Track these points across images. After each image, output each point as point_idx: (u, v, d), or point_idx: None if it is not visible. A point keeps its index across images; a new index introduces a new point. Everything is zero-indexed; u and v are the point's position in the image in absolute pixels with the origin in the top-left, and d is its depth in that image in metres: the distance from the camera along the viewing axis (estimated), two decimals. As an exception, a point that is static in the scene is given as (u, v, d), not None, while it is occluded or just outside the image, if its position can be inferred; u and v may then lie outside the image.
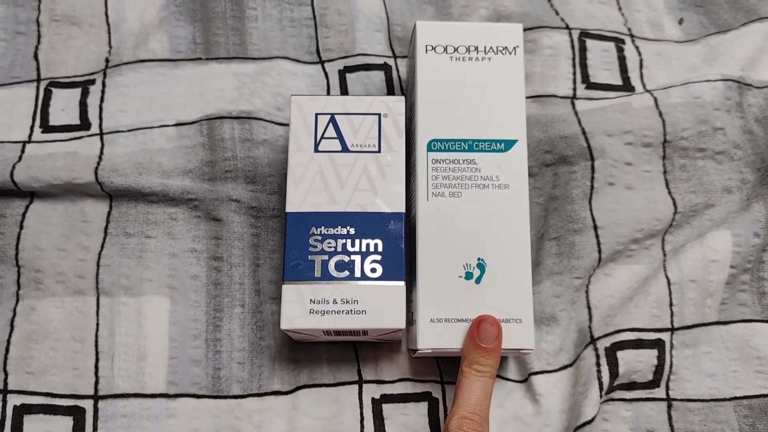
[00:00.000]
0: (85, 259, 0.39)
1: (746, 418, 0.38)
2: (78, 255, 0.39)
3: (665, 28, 0.46)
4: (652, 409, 0.38)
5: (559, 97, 0.42)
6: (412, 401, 0.37)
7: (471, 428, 0.32)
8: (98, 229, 0.40)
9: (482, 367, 0.33)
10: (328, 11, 0.45)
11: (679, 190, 0.41)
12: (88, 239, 0.40)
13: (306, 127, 0.37)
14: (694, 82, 0.42)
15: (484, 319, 0.34)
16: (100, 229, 0.40)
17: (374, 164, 0.36)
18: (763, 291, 0.40)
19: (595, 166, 0.40)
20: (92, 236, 0.40)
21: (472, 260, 0.34)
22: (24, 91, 0.43)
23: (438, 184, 0.35)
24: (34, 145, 0.41)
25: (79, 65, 0.44)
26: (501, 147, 0.36)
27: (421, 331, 0.34)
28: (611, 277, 0.40)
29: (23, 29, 0.45)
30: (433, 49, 0.37)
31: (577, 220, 0.40)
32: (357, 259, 0.34)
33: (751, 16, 0.45)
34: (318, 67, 0.44)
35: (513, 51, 0.37)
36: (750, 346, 0.39)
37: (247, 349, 0.38)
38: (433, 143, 0.36)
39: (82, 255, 0.39)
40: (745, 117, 0.42)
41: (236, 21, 0.45)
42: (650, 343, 0.38)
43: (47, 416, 0.37)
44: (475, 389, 0.33)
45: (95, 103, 0.42)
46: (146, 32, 0.44)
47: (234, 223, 0.40)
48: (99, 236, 0.40)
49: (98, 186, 0.40)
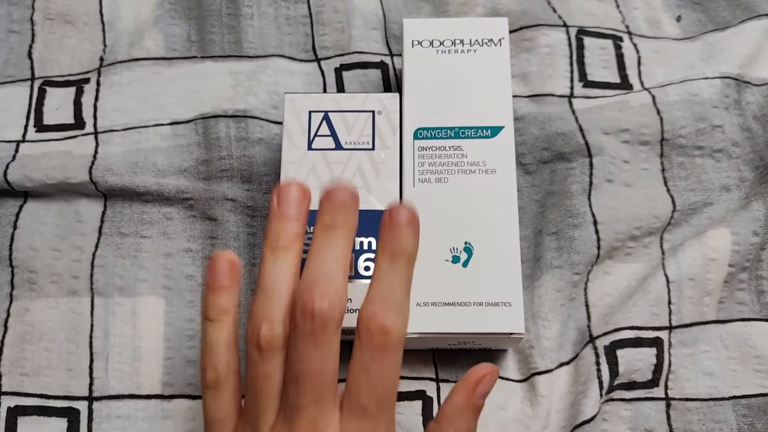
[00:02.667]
0: (80, 259, 0.39)
1: (745, 417, 0.37)
2: (72, 255, 0.39)
3: (663, 26, 0.45)
4: (650, 408, 0.38)
5: (557, 95, 0.42)
6: (406, 400, 0.37)
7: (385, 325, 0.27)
8: (93, 230, 0.40)
9: (395, 249, 0.28)
10: (324, 9, 0.45)
11: (677, 188, 0.41)
12: (83, 239, 0.40)
13: (299, 125, 0.37)
14: (692, 80, 0.42)
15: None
16: (94, 229, 0.40)
17: (368, 162, 0.36)
18: (761, 290, 0.39)
19: (594, 162, 0.40)
20: (87, 236, 0.40)
21: (459, 244, 0.34)
22: (18, 90, 0.43)
23: (424, 170, 0.35)
24: (28, 145, 0.41)
25: (74, 64, 0.44)
26: (487, 133, 0.36)
27: None
28: (610, 275, 0.39)
29: (17, 28, 0.45)
30: (419, 43, 0.38)
31: (577, 215, 0.39)
32: (351, 258, 0.34)
33: (749, 13, 0.45)
34: (314, 65, 0.44)
35: (499, 43, 0.37)
36: (749, 345, 0.38)
37: (242, 348, 0.38)
38: (419, 131, 0.36)
39: (77, 255, 0.39)
40: (743, 115, 0.42)
41: (231, 19, 0.44)
42: (649, 342, 0.38)
43: (41, 418, 0.37)
44: (393, 278, 0.28)
45: (90, 102, 0.42)
46: (141, 30, 0.44)
47: (229, 222, 0.40)
48: (93, 236, 0.40)
49: (93, 185, 0.40)
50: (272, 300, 0.28)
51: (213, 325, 0.29)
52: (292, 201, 0.29)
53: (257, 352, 0.28)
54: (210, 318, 0.30)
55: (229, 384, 0.30)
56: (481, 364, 0.29)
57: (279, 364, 0.28)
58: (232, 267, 0.30)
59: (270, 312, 0.28)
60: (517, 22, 0.44)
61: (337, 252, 0.28)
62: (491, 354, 0.38)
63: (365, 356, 0.27)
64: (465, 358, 0.38)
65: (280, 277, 0.28)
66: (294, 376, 0.27)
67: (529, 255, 0.40)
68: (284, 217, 0.29)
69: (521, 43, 0.43)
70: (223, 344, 0.29)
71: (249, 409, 0.29)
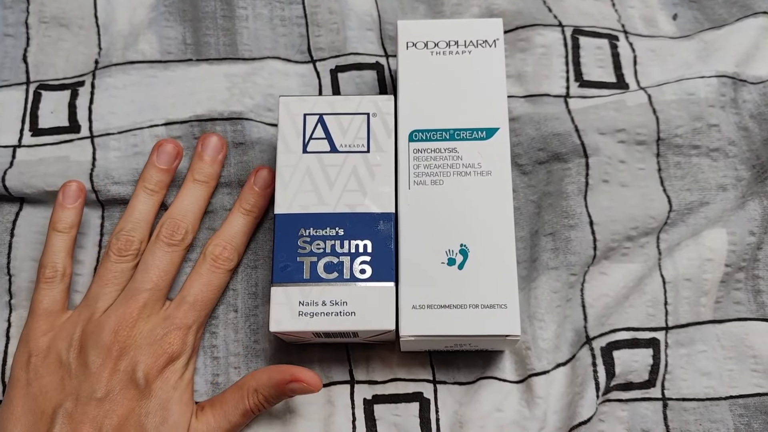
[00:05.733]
0: (81, 273, 0.39)
1: (741, 417, 0.37)
2: (74, 269, 0.39)
3: (659, 24, 0.45)
4: (647, 408, 0.38)
5: (552, 96, 0.42)
6: (403, 401, 0.37)
7: (223, 254, 0.37)
8: (93, 244, 0.40)
9: (249, 206, 0.38)
10: (319, 9, 0.45)
11: (674, 188, 0.41)
12: (83, 252, 0.40)
13: (294, 128, 0.37)
14: (689, 79, 0.42)
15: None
16: (94, 243, 0.40)
17: (363, 164, 0.36)
18: (758, 289, 0.39)
19: (590, 163, 0.40)
20: (87, 249, 0.40)
21: (454, 246, 0.34)
22: (13, 94, 0.43)
23: (419, 172, 0.35)
24: (24, 150, 0.41)
25: (69, 67, 0.44)
26: (482, 135, 0.36)
27: (404, 318, 0.34)
28: (606, 276, 0.39)
29: (12, 31, 0.45)
30: (414, 45, 0.38)
31: (573, 216, 0.39)
32: (346, 261, 0.34)
33: (745, 11, 0.45)
34: (309, 66, 0.44)
35: (493, 44, 0.37)
36: (745, 345, 0.38)
37: (242, 353, 0.38)
38: (414, 133, 0.36)
39: (78, 269, 0.39)
40: (740, 113, 0.42)
41: (226, 21, 0.44)
42: (645, 343, 0.38)
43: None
44: (237, 224, 0.38)
45: (84, 105, 0.42)
46: (136, 33, 0.44)
47: None
48: (93, 250, 0.40)
49: (94, 194, 0.40)
50: (135, 223, 0.37)
51: (58, 234, 0.37)
52: (167, 156, 0.39)
53: (115, 255, 0.37)
54: (57, 229, 0.37)
55: (63, 282, 0.37)
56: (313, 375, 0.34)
57: (129, 267, 0.37)
58: (79, 191, 0.38)
59: (132, 231, 0.37)
60: (512, 22, 0.44)
61: (197, 197, 0.39)
62: (488, 355, 0.38)
63: (202, 268, 0.37)
64: (462, 360, 0.38)
65: (144, 209, 0.38)
66: (145, 267, 0.36)
67: (525, 256, 0.40)
68: (159, 168, 0.38)
69: (517, 43, 0.43)
70: (63, 250, 0.37)
71: (90, 296, 0.36)
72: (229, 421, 0.35)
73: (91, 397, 0.33)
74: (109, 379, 0.34)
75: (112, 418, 0.33)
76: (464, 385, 0.38)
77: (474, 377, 0.38)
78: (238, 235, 0.38)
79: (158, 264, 0.36)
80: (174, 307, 0.36)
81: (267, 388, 0.34)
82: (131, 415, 0.33)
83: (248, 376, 0.35)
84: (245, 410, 0.35)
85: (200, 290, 0.37)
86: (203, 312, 0.37)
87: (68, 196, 0.38)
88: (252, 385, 0.35)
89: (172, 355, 0.35)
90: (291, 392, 0.34)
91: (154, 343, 0.35)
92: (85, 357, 0.34)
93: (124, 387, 0.34)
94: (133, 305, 0.35)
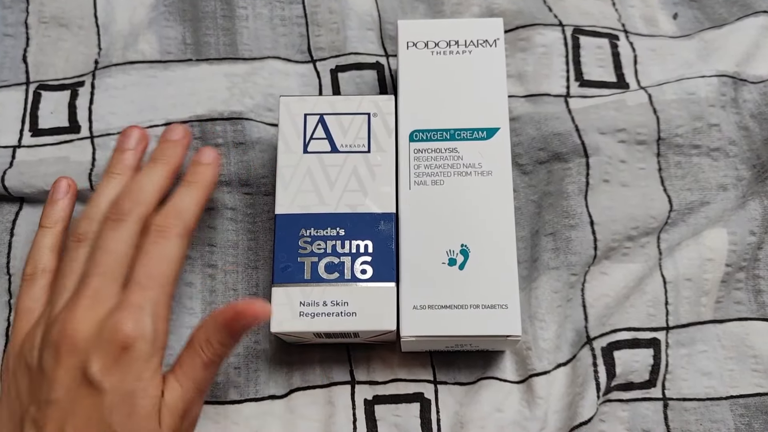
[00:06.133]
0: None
1: (742, 417, 0.37)
2: None
3: (659, 23, 0.45)
4: (648, 408, 0.38)
5: (553, 95, 0.42)
6: (404, 402, 0.37)
7: (166, 221, 0.34)
8: None
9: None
10: (319, 9, 0.45)
11: (674, 188, 0.41)
12: None
13: (295, 128, 0.36)
14: (689, 78, 0.42)
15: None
16: None
17: (364, 164, 0.36)
18: (758, 289, 0.39)
19: (590, 163, 0.40)
20: None
21: (455, 246, 0.34)
22: (13, 94, 0.43)
23: (420, 173, 0.35)
24: (24, 150, 0.41)
25: (68, 67, 0.44)
26: (483, 135, 0.36)
27: (405, 319, 0.34)
28: (607, 276, 0.39)
29: (11, 31, 0.45)
30: (414, 45, 0.38)
31: (573, 216, 0.39)
32: (347, 261, 0.34)
33: (745, 10, 0.45)
34: (310, 66, 0.43)
35: (494, 43, 0.37)
36: (746, 345, 0.38)
37: (242, 353, 0.38)
38: (415, 134, 0.36)
39: None
40: (740, 113, 0.42)
41: (226, 20, 0.44)
42: (646, 343, 0.38)
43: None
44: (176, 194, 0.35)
45: (84, 105, 0.42)
46: (136, 33, 0.44)
47: (229, 231, 0.40)
48: None
49: None
50: (96, 207, 0.35)
51: (44, 231, 0.36)
52: (133, 139, 0.38)
53: (74, 243, 0.34)
54: (42, 225, 0.37)
55: (44, 278, 0.35)
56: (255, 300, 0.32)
57: (86, 253, 0.34)
58: (69, 187, 0.38)
59: (92, 215, 0.35)
60: (512, 22, 0.43)
61: (154, 177, 0.35)
62: (488, 355, 0.38)
63: (146, 242, 0.33)
64: (462, 360, 0.38)
65: (106, 192, 0.36)
66: (93, 252, 0.33)
67: (525, 256, 0.40)
68: (124, 151, 0.37)
69: (517, 43, 0.43)
70: (46, 246, 0.36)
71: (55, 290, 0.34)
72: (194, 379, 0.32)
73: (49, 399, 0.31)
74: (62, 379, 0.31)
75: (74, 419, 0.31)
76: (465, 385, 0.38)
77: (475, 377, 0.38)
78: (177, 201, 0.35)
79: (107, 244, 0.33)
80: (124, 291, 0.33)
81: (216, 333, 0.32)
82: (93, 413, 0.31)
83: (196, 329, 0.33)
84: (204, 363, 0.32)
85: (148, 266, 0.33)
86: (157, 290, 0.33)
87: (56, 191, 0.37)
88: (202, 336, 0.32)
89: (125, 343, 0.31)
90: (242, 328, 0.32)
91: (104, 334, 0.31)
92: (41, 358, 0.32)
93: (79, 385, 0.31)
94: (82, 295, 0.32)
